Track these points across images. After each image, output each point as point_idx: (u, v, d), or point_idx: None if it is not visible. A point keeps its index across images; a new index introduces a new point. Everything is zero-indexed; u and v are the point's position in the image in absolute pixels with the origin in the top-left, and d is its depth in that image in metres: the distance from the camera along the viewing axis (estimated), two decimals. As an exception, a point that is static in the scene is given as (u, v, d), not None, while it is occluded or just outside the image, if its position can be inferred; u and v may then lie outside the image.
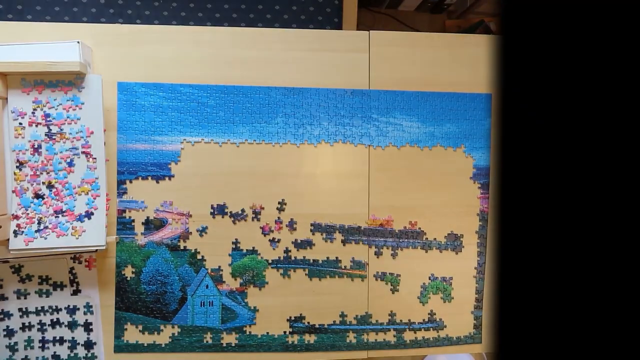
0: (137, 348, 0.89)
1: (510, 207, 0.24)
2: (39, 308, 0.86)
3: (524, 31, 0.22)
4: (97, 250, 0.84)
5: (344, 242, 0.93)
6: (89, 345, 0.87)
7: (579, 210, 0.22)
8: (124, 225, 0.88)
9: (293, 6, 1.25)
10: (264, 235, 0.91)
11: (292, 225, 0.92)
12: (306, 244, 0.92)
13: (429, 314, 0.95)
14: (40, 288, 0.86)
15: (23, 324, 0.86)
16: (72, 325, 0.87)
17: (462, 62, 0.95)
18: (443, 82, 0.94)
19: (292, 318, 0.92)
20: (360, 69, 0.93)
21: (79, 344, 0.87)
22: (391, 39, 0.94)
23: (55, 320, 0.86)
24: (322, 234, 0.92)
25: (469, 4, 1.80)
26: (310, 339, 0.92)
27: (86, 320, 0.87)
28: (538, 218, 0.23)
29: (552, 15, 0.22)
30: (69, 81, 0.83)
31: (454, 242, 0.95)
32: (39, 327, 0.86)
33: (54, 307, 0.86)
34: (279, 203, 0.91)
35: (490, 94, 0.94)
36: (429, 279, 0.95)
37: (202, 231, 0.90)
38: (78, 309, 0.87)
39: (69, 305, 0.86)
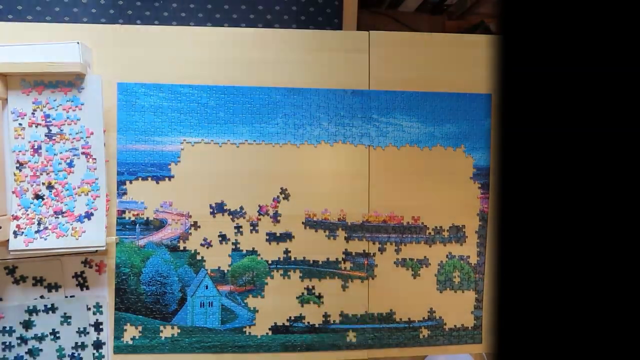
0: (136, 349, 0.88)
1: (511, 207, 0.23)
2: (49, 306, 0.86)
3: (524, 31, 0.22)
4: (97, 250, 0.84)
5: (347, 239, 0.93)
6: (98, 345, 0.87)
7: (580, 210, 0.22)
8: (123, 225, 0.88)
9: (293, 7, 1.25)
10: (261, 214, 0.91)
11: (291, 225, 0.92)
12: (306, 242, 0.92)
13: (428, 312, 0.95)
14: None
15: (32, 321, 0.86)
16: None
17: (462, 63, 0.95)
18: (443, 83, 0.94)
19: (292, 318, 0.92)
20: (360, 69, 0.93)
21: (86, 345, 0.87)
22: (391, 39, 0.94)
23: (65, 319, 0.86)
24: (325, 231, 0.92)
25: (469, 5, 1.80)
26: (311, 338, 0.92)
27: (96, 320, 0.87)
28: (539, 219, 0.23)
29: (551, 15, 0.22)
30: (68, 82, 0.83)
31: (457, 234, 0.95)
32: (49, 324, 0.86)
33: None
34: (278, 203, 0.91)
35: (490, 94, 0.94)
36: (447, 257, 0.95)
37: (201, 231, 0.90)
38: (89, 308, 0.87)
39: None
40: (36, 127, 0.82)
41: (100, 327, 0.87)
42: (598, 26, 0.21)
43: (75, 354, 0.86)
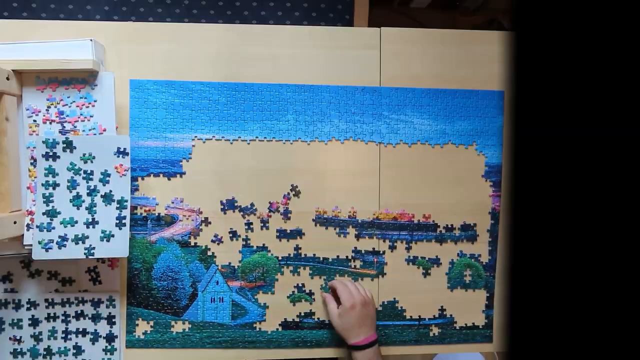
0: (148, 343, 0.89)
1: (523, 206, 0.23)
2: (65, 300, 0.87)
3: (537, 27, 0.22)
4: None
5: (357, 236, 0.93)
6: (110, 338, 0.88)
7: (593, 210, 0.22)
8: (135, 221, 0.89)
9: (304, 3, 1.25)
10: (271, 211, 0.91)
11: (302, 222, 0.92)
12: (316, 240, 0.92)
13: (439, 310, 0.94)
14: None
15: (48, 314, 0.87)
16: (95, 318, 0.88)
17: (474, 59, 0.94)
18: (455, 79, 0.94)
19: (302, 314, 0.92)
20: (372, 66, 0.93)
21: (101, 336, 0.88)
22: (402, 35, 0.93)
23: (79, 312, 0.88)
24: (335, 229, 0.92)
25: (482, 1, 1.78)
26: (321, 334, 0.92)
27: (109, 313, 0.88)
28: (551, 218, 0.23)
29: (565, 11, 0.21)
30: (82, 79, 0.83)
31: (468, 233, 0.95)
32: (63, 318, 0.88)
33: (79, 299, 0.88)
34: (289, 200, 0.92)
35: (503, 91, 0.94)
36: (458, 255, 0.94)
37: (212, 227, 0.90)
38: (102, 302, 0.88)
39: (93, 298, 0.88)
40: (50, 123, 0.83)
41: (113, 320, 0.88)
42: (612, 20, 0.21)
43: (88, 346, 0.88)
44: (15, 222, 0.78)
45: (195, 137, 0.90)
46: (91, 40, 0.83)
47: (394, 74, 0.93)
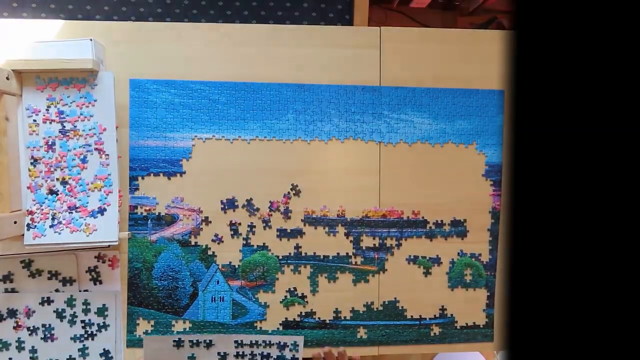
0: (149, 343, 0.89)
1: (524, 206, 0.23)
2: (64, 299, 0.88)
3: (537, 27, 0.22)
4: (109, 245, 0.85)
5: (347, 234, 0.93)
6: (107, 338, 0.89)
7: (593, 210, 0.22)
8: (135, 221, 0.89)
9: (304, 3, 1.25)
10: (272, 210, 0.91)
11: (302, 221, 0.92)
12: (316, 239, 0.92)
13: (439, 309, 0.94)
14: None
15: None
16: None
17: (474, 59, 0.94)
18: (455, 79, 0.94)
19: (303, 313, 0.92)
20: (371, 65, 0.93)
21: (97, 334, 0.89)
22: (402, 35, 0.93)
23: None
24: (324, 228, 0.92)
25: (482, 1, 1.78)
26: (321, 334, 0.92)
27: (106, 310, 0.89)
28: (552, 217, 0.23)
29: (565, 10, 0.21)
30: (82, 78, 0.83)
31: (457, 228, 0.94)
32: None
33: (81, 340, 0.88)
34: (289, 199, 0.92)
35: (503, 91, 0.93)
36: (458, 254, 0.94)
37: (213, 227, 0.90)
38: (102, 305, 0.88)
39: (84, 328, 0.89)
40: (50, 123, 0.83)
41: (106, 313, 0.88)
42: (613, 20, 0.21)
43: (87, 345, 0.88)
44: (15, 222, 0.78)
45: (195, 136, 0.90)
46: (91, 40, 0.83)
47: (394, 73, 0.93)
